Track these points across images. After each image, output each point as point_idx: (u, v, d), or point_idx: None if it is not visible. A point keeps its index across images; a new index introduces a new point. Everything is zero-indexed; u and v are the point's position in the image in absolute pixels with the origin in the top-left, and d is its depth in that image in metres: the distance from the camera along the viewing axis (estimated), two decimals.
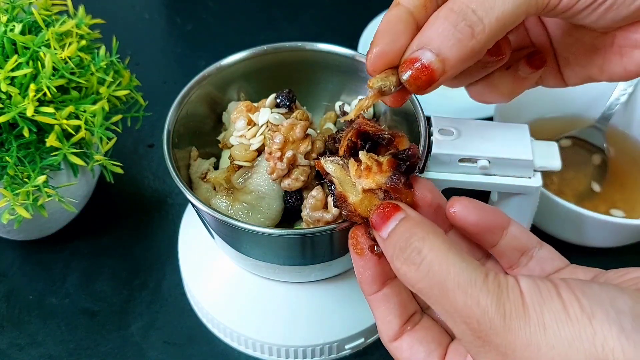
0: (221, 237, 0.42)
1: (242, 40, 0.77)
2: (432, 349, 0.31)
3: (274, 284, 0.47)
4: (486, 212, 0.32)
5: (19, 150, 0.44)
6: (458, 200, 0.33)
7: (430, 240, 0.28)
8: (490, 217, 0.32)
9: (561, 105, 0.62)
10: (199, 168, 0.45)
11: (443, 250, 0.27)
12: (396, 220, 0.29)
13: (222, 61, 0.47)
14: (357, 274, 0.33)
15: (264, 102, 0.44)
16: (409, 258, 0.28)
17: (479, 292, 0.26)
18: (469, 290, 0.26)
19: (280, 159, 0.39)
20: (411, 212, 0.30)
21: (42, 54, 0.44)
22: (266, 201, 0.41)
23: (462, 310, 0.26)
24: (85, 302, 0.52)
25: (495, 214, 0.33)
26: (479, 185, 0.43)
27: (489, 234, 0.33)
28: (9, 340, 0.49)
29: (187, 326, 0.50)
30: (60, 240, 0.55)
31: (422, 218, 0.30)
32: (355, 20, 0.74)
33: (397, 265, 0.28)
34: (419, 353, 0.31)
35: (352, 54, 0.47)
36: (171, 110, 0.43)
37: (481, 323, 0.25)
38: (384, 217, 0.30)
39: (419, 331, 0.32)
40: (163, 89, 0.70)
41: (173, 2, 0.85)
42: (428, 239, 0.28)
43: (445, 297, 0.26)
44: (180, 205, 0.58)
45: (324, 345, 0.46)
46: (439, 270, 0.27)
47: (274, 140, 0.40)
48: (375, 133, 0.35)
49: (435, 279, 0.27)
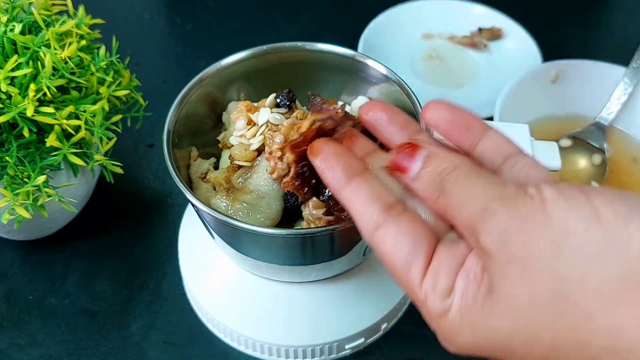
0: (221, 237, 0.42)
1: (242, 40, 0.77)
2: (419, 240, 0.28)
3: (274, 284, 0.47)
4: (460, 110, 0.31)
5: (19, 150, 0.44)
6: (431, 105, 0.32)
7: (458, 170, 0.27)
8: (466, 116, 0.31)
9: (561, 105, 0.62)
10: (199, 168, 0.45)
11: (467, 175, 0.27)
12: (421, 159, 0.29)
13: (222, 61, 0.47)
14: (324, 177, 0.31)
15: (264, 102, 0.44)
16: (444, 191, 0.27)
17: (497, 201, 0.25)
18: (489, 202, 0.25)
19: (280, 159, 0.39)
20: (432, 148, 0.29)
21: (42, 54, 0.44)
22: (266, 201, 0.41)
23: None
24: (85, 302, 0.52)
25: (472, 114, 0.32)
26: None
27: (465, 133, 0.31)
28: (9, 340, 0.49)
29: (187, 326, 0.50)
30: (60, 240, 0.55)
31: (445, 151, 0.29)
32: (355, 20, 0.74)
33: (434, 200, 0.28)
34: (404, 244, 0.28)
35: (352, 54, 0.47)
36: (171, 110, 0.43)
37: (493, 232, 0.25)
38: (407, 159, 0.29)
39: (403, 222, 0.28)
40: (163, 89, 0.70)
41: (173, 2, 0.85)
42: (456, 169, 0.27)
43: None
44: (180, 205, 0.58)
45: (324, 345, 0.46)
46: (459, 192, 0.27)
47: (274, 140, 0.40)
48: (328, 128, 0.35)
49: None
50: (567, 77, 0.62)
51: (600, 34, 0.80)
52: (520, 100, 0.59)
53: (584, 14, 0.82)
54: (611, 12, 0.85)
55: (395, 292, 0.49)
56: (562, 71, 0.61)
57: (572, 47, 0.77)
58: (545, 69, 0.62)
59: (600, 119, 0.60)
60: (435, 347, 0.49)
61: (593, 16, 0.83)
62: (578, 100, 0.62)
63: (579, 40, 0.78)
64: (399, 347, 0.49)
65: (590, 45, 0.78)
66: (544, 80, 0.62)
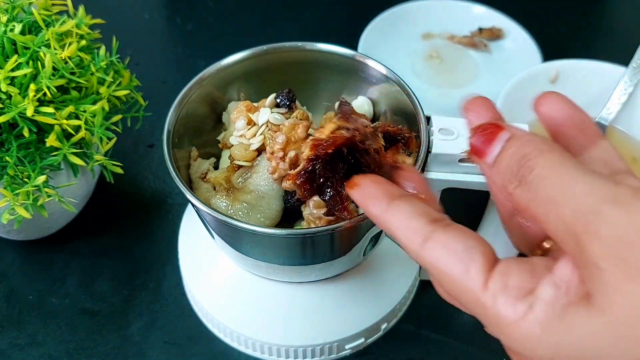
0: (221, 237, 0.42)
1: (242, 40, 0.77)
2: (471, 244, 0.25)
3: (274, 284, 0.47)
4: (579, 108, 0.29)
5: (19, 150, 0.44)
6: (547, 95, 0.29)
7: (546, 157, 0.24)
8: (583, 115, 0.28)
9: None
10: (199, 168, 0.45)
11: (560, 165, 0.23)
12: (501, 142, 0.26)
13: (222, 61, 0.46)
14: (365, 205, 0.29)
15: (263, 102, 0.44)
16: (524, 181, 0.24)
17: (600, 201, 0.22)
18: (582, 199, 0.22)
19: (282, 159, 0.39)
20: (516, 130, 0.26)
21: (42, 54, 0.44)
22: (266, 201, 0.41)
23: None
24: (85, 302, 0.52)
25: (588, 115, 0.29)
26: (479, 185, 0.43)
27: (578, 133, 0.28)
28: (9, 340, 0.49)
29: (187, 326, 0.50)
30: (60, 240, 0.55)
31: (531, 134, 0.25)
32: (355, 20, 0.74)
33: (511, 190, 0.25)
34: (456, 248, 0.25)
35: (352, 54, 0.47)
36: (171, 110, 0.43)
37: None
38: (486, 140, 0.26)
39: (451, 230, 0.25)
40: (163, 89, 0.70)
41: (173, 2, 0.85)
42: (543, 156, 0.24)
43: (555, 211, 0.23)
44: (180, 205, 0.58)
45: (324, 345, 0.46)
46: (551, 185, 0.23)
47: (276, 140, 0.40)
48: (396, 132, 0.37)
49: (546, 194, 0.23)
50: (567, 77, 0.62)
51: (600, 34, 0.80)
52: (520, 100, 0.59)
53: (584, 14, 0.82)
54: (611, 12, 0.85)
55: (395, 292, 0.49)
56: (562, 71, 0.61)
57: (572, 47, 0.77)
58: (545, 69, 0.62)
59: (600, 119, 0.60)
60: (435, 347, 0.49)
61: (593, 16, 0.83)
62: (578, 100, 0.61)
63: (579, 40, 0.78)
64: (399, 347, 0.49)
65: (590, 45, 0.78)
66: (544, 80, 0.62)
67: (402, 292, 0.49)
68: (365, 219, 0.37)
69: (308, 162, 0.35)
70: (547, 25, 0.79)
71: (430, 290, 0.53)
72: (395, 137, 0.40)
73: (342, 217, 0.36)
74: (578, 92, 0.62)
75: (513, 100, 0.58)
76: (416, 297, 0.52)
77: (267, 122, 0.42)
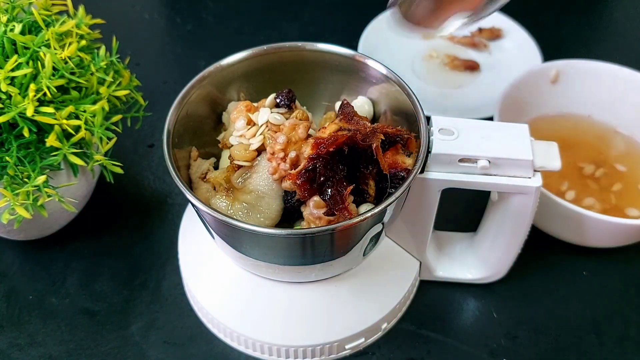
0: (221, 237, 0.42)
1: (242, 40, 0.77)
2: None
3: (274, 284, 0.47)
4: None
5: (19, 150, 0.44)
6: None
7: None
8: None
9: (561, 105, 0.62)
10: (199, 168, 0.45)
11: None
12: None
13: (222, 61, 0.47)
14: None
15: (263, 102, 0.44)
16: None
17: None
18: None
19: (283, 160, 0.39)
20: None
21: (42, 54, 0.44)
22: (266, 201, 0.41)
23: None
24: (85, 302, 0.52)
25: None
26: (479, 185, 0.43)
27: None
28: (9, 340, 0.49)
29: (187, 326, 0.50)
30: (60, 240, 0.55)
31: None
32: (355, 20, 0.74)
33: None
34: None
35: (352, 54, 0.47)
36: (171, 110, 0.43)
37: None
38: None
39: None
40: (163, 89, 0.70)
41: (173, 2, 0.85)
42: None
43: None
44: (180, 205, 0.58)
45: (324, 345, 0.46)
46: None
47: (277, 140, 0.40)
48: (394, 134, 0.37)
49: None
50: (567, 77, 0.62)
51: (600, 34, 0.80)
52: (520, 100, 0.60)
53: (584, 14, 0.82)
54: (611, 12, 0.85)
55: (395, 292, 0.49)
56: (562, 71, 0.61)
57: (572, 47, 0.77)
58: (545, 68, 0.62)
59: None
60: (436, 347, 0.49)
61: (593, 16, 0.83)
62: (578, 100, 0.62)
63: (579, 40, 0.78)
64: (399, 347, 0.49)
65: (590, 45, 0.78)
66: (544, 80, 0.62)
67: (402, 292, 0.49)
68: (365, 219, 0.37)
69: (309, 160, 0.35)
70: (547, 25, 0.79)
71: (431, 290, 0.53)
72: (394, 138, 0.40)
73: (342, 217, 0.37)
74: (578, 92, 0.62)
75: (513, 100, 0.58)
76: (416, 297, 0.52)
77: (267, 122, 0.42)
